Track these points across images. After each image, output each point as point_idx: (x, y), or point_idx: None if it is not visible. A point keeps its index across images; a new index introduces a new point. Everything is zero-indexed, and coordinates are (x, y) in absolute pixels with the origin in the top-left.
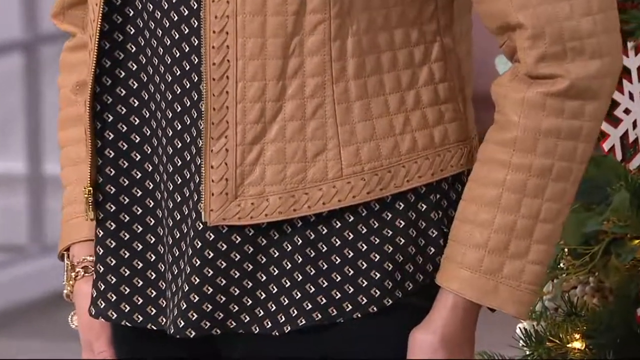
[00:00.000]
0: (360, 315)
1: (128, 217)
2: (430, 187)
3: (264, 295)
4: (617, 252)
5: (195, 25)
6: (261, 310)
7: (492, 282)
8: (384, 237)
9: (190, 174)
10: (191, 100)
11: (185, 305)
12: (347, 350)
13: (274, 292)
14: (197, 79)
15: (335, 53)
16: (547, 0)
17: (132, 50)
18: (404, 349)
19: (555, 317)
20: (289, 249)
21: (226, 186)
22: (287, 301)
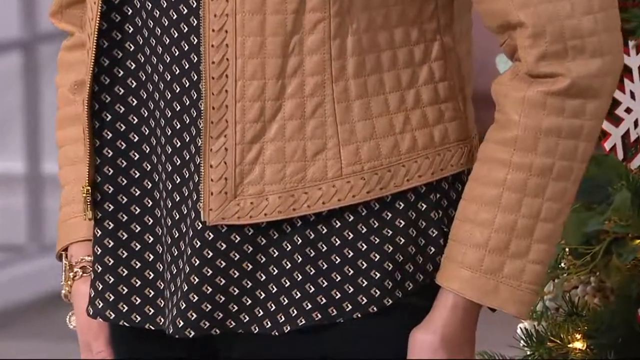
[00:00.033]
0: (360, 315)
1: (126, 217)
2: (431, 187)
3: (263, 295)
4: (619, 251)
5: (194, 23)
6: (261, 310)
7: (492, 281)
8: (384, 236)
9: (189, 173)
10: (190, 99)
11: (184, 305)
12: (347, 350)
13: (274, 291)
14: (196, 78)
15: (335, 52)
16: None
17: (131, 49)
18: (404, 349)
19: (556, 317)
20: (288, 249)
21: (225, 185)
22: (286, 301)
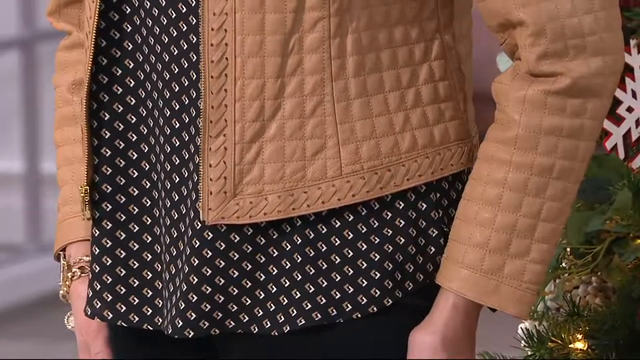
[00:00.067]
0: (360, 315)
1: (124, 217)
2: (431, 186)
3: (263, 294)
4: (620, 251)
5: (193, 22)
6: (260, 310)
7: (493, 281)
8: (384, 236)
9: (188, 173)
10: (189, 98)
11: (183, 305)
12: (347, 350)
13: (273, 291)
14: (195, 77)
15: (334, 51)
16: None
17: (129, 48)
18: (404, 349)
19: (558, 317)
20: (288, 248)
21: (224, 185)
22: (286, 301)
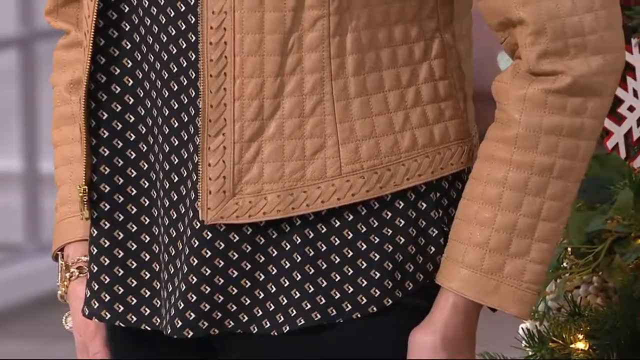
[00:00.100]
0: (359, 315)
1: (122, 216)
2: (430, 186)
3: (262, 294)
4: (621, 251)
5: (192, 21)
6: (260, 310)
7: (493, 281)
8: (383, 236)
9: (187, 172)
10: (188, 97)
11: (182, 305)
12: (347, 350)
13: (273, 291)
14: (194, 76)
15: (334, 49)
16: None
17: (128, 47)
18: (404, 349)
19: (558, 317)
20: (287, 248)
21: (224, 184)
22: (285, 301)
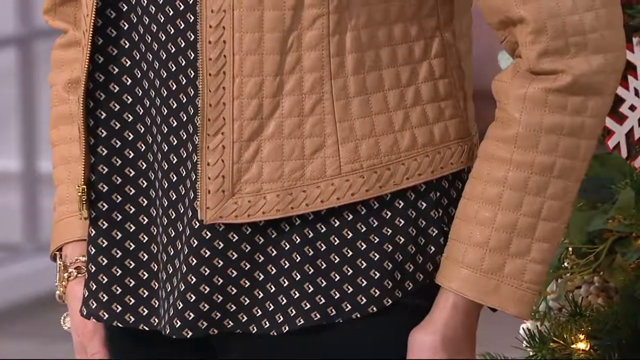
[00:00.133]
0: (359, 315)
1: (121, 216)
2: (430, 185)
3: (261, 294)
4: (622, 251)
5: (191, 19)
6: (259, 310)
7: (493, 281)
8: (383, 235)
9: (186, 172)
10: (187, 96)
11: (181, 305)
12: (346, 350)
13: (272, 291)
14: (193, 75)
15: (333, 48)
16: None
17: (126, 46)
18: (403, 349)
19: (560, 317)
20: (287, 248)
21: (223, 183)
22: (285, 301)
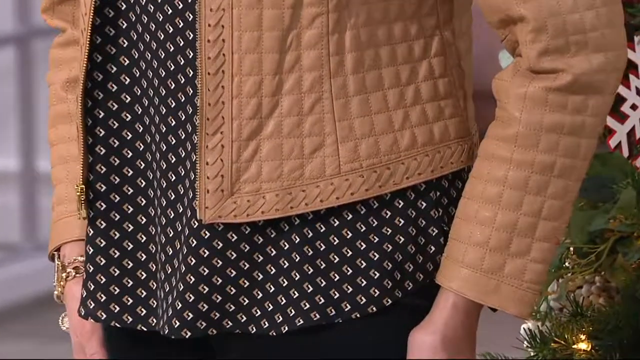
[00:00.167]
0: (359, 315)
1: (118, 216)
2: (430, 185)
3: (260, 294)
4: (624, 251)
5: (190, 18)
6: (258, 310)
7: (493, 281)
8: (383, 235)
9: (185, 171)
10: (186, 95)
11: (180, 305)
12: (346, 350)
13: (271, 291)
14: (192, 74)
15: (333, 47)
16: None
17: (125, 45)
18: (403, 349)
19: (561, 317)
20: (286, 248)
21: (222, 183)
22: (284, 301)
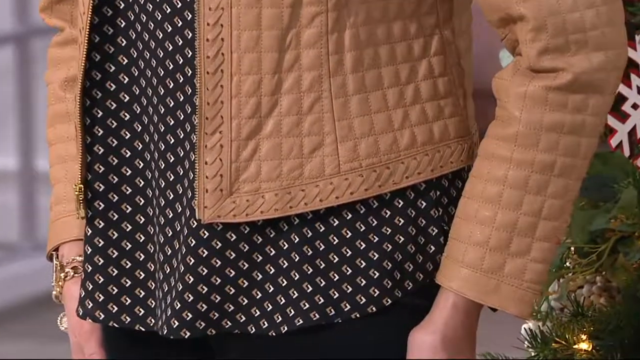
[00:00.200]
0: (358, 315)
1: (117, 215)
2: (430, 184)
3: (260, 294)
4: (625, 250)
5: (188, 17)
6: (257, 310)
7: (493, 281)
8: (383, 235)
9: (183, 171)
10: (184, 94)
11: (179, 305)
12: (346, 350)
13: (271, 291)
14: (190, 73)
15: (332, 46)
16: None
17: (123, 44)
18: (403, 349)
19: (561, 317)
20: (285, 247)
21: (221, 183)
22: (283, 300)
